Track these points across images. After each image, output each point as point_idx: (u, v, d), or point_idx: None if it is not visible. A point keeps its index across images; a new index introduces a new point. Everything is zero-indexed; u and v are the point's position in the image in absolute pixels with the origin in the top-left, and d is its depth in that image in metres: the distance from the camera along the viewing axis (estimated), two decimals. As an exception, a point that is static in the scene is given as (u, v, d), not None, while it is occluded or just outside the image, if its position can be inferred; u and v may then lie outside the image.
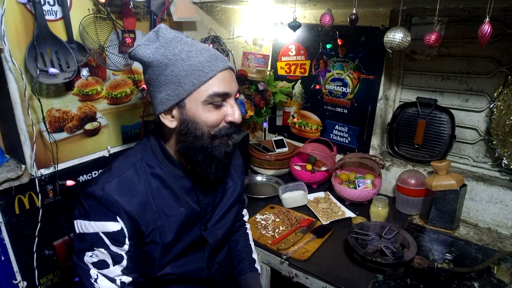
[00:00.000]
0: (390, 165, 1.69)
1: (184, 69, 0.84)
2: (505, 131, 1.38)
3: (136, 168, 0.91)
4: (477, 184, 1.45)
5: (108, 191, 0.84)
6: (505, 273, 1.17)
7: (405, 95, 1.70)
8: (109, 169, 0.91)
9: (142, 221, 0.88)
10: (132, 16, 1.32)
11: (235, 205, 1.12)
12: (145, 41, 0.87)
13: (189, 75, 0.84)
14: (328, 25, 1.25)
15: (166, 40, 0.86)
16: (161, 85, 0.86)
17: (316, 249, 1.29)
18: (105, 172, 0.91)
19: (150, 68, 0.86)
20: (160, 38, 0.86)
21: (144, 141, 0.99)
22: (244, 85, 1.78)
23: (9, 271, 1.18)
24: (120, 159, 0.94)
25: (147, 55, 0.86)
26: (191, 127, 0.87)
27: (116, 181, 0.86)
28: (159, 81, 0.86)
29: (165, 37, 0.86)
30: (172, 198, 0.94)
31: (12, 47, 1.04)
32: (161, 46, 0.85)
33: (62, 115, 1.22)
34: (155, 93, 0.88)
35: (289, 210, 1.56)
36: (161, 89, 0.86)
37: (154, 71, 0.86)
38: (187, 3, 1.51)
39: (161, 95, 0.86)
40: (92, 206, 0.84)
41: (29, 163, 1.15)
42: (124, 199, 0.85)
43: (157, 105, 0.88)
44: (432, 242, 1.35)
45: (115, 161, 0.94)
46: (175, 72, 0.84)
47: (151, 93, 0.90)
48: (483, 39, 0.94)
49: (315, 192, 1.71)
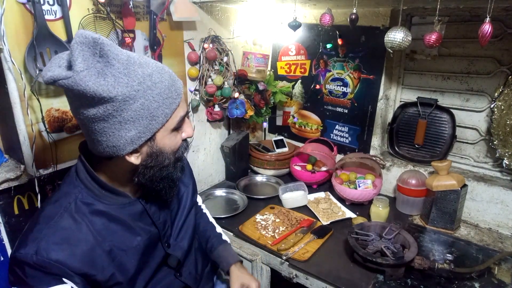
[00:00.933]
0: (390, 165, 1.68)
1: (155, 100, 0.73)
2: (506, 131, 1.38)
3: (70, 212, 0.77)
4: (478, 184, 1.45)
5: (42, 253, 0.69)
6: (505, 274, 1.17)
7: (406, 95, 1.70)
8: (36, 223, 0.75)
9: (94, 271, 0.76)
10: (131, 15, 1.32)
11: (192, 209, 1.07)
12: (83, 65, 0.65)
13: (161, 106, 0.74)
14: (328, 25, 1.25)
15: (122, 64, 0.69)
16: (127, 123, 0.72)
17: (316, 250, 1.29)
18: (32, 226, 0.74)
19: (108, 103, 0.68)
20: (112, 61, 0.68)
21: (70, 177, 0.83)
22: (244, 85, 1.78)
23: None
24: (48, 207, 0.78)
25: (102, 88, 0.66)
26: (160, 158, 0.80)
27: (50, 236, 0.72)
28: (123, 117, 0.71)
29: (119, 58, 0.69)
30: (124, 230, 0.85)
31: (12, 47, 1.04)
32: (120, 73, 0.69)
33: (62, 115, 1.22)
34: (116, 131, 0.72)
35: (289, 211, 1.56)
36: (128, 127, 0.72)
37: (114, 107, 0.69)
38: (187, 2, 1.50)
39: (129, 133, 0.73)
40: (29, 274, 0.70)
41: (29, 163, 1.15)
42: (65, 255, 0.72)
43: (123, 146, 0.74)
44: (433, 243, 1.35)
45: (42, 210, 0.78)
46: (146, 105, 0.72)
47: (105, 131, 0.72)
48: (483, 39, 0.94)
49: (315, 193, 1.71)
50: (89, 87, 0.65)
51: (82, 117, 0.72)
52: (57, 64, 0.69)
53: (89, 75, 0.66)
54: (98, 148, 0.76)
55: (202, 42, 1.61)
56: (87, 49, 0.66)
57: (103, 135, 0.73)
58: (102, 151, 0.76)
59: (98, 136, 0.73)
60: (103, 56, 0.67)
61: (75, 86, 0.65)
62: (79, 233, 0.76)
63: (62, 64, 0.69)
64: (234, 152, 1.79)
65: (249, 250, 1.35)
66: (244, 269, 1.15)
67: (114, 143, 0.74)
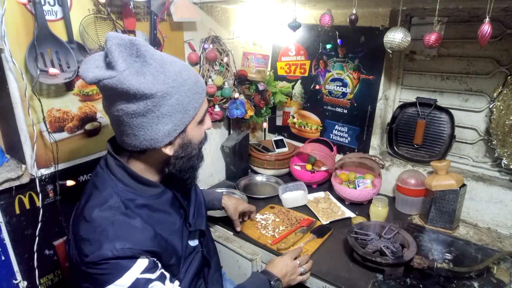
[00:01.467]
0: (389, 165, 1.69)
1: (186, 95, 0.81)
2: (504, 131, 1.38)
3: (121, 211, 0.82)
4: (476, 184, 1.45)
5: (117, 246, 0.76)
6: (504, 273, 1.18)
7: (405, 95, 1.70)
8: (93, 228, 0.79)
9: (160, 252, 0.85)
10: (132, 16, 1.32)
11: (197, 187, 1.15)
12: (124, 65, 0.71)
13: (192, 100, 0.82)
14: (327, 25, 1.25)
15: (158, 63, 0.76)
16: (164, 117, 0.79)
17: (316, 249, 1.29)
18: (93, 232, 0.79)
19: (148, 99, 0.74)
20: (149, 61, 0.74)
21: (101, 178, 0.87)
22: (244, 85, 1.78)
23: (9, 271, 1.18)
24: (98, 213, 0.81)
25: (144, 85, 0.73)
26: (189, 149, 0.88)
27: (116, 233, 0.78)
28: (161, 112, 0.78)
29: (154, 58, 0.75)
30: (165, 217, 0.92)
31: (13, 47, 1.05)
32: (157, 72, 0.75)
33: (63, 115, 1.22)
34: (154, 125, 0.79)
35: (289, 210, 1.56)
36: (165, 121, 0.79)
37: (154, 103, 0.75)
38: (187, 3, 1.51)
39: (166, 127, 0.80)
40: (112, 267, 0.76)
41: (30, 163, 1.15)
42: (135, 241, 0.79)
43: (161, 138, 0.81)
44: (432, 242, 1.35)
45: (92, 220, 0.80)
46: (180, 100, 0.79)
47: (144, 126, 0.78)
48: (483, 39, 0.94)
49: (315, 192, 1.71)
50: (133, 85, 0.71)
51: (121, 114, 0.77)
52: (94, 65, 0.74)
53: (131, 74, 0.72)
54: (134, 142, 0.82)
55: (202, 42, 1.61)
56: (124, 50, 0.72)
57: (141, 130, 0.79)
58: (138, 145, 0.82)
59: (136, 130, 0.79)
60: (140, 56, 0.73)
61: (119, 85, 0.71)
62: (137, 225, 0.82)
63: (99, 65, 0.74)
64: (234, 152, 1.80)
65: (249, 249, 1.35)
66: (232, 197, 1.39)
67: (152, 136, 0.80)
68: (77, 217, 0.84)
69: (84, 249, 0.77)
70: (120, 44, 0.71)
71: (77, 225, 0.82)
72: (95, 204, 0.82)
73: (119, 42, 0.71)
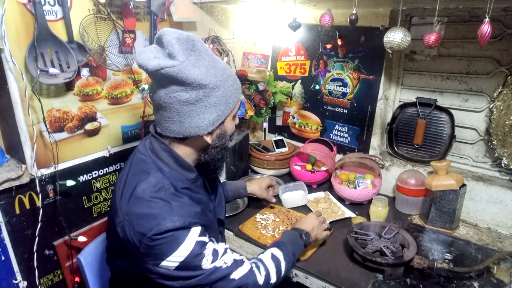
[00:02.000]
0: (390, 165, 1.69)
1: (229, 89, 0.90)
2: (504, 131, 1.38)
3: (172, 193, 0.90)
4: (476, 184, 1.45)
5: (177, 218, 0.84)
6: (504, 273, 1.18)
7: (405, 95, 1.70)
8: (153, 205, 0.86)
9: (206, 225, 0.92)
10: (132, 16, 1.32)
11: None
12: (183, 57, 0.81)
13: (233, 94, 0.92)
14: (328, 25, 1.25)
15: (210, 58, 0.87)
16: (211, 107, 0.88)
17: (316, 249, 1.29)
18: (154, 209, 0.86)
19: (201, 89, 0.84)
20: (203, 55, 0.85)
21: (149, 163, 0.93)
22: (244, 85, 1.79)
23: (9, 271, 1.18)
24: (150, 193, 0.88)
25: (200, 76, 0.83)
26: (223, 140, 0.97)
27: (172, 208, 0.86)
28: (208, 102, 0.87)
29: (207, 53, 0.87)
30: (202, 200, 1.00)
31: (13, 47, 1.05)
32: (210, 66, 0.86)
33: (63, 115, 1.22)
34: (201, 114, 0.87)
35: (289, 210, 1.56)
36: (211, 111, 0.88)
37: (205, 93, 0.85)
38: (187, 3, 1.51)
39: (211, 116, 0.89)
40: (175, 235, 0.84)
41: (30, 163, 1.15)
42: (189, 214, 0.88)
43: (205, 126, 0.89)
44: (432, 242, 1.35)
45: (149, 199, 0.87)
46: (225, 93, 0.89)
47: (191, 114, 0.87)
48: (482, 39, 0.94)
49: (315, 192, 1.71)
50: (191, 75, 0.81)
51: (174, 101, 0.85)
52: (152, 55, 0.83)
53: (189, 65, 0.82)
54: (179, 129, 0.89)
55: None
56: (183, 44, 0.82)
57: (188, 117, 0.87)
58: (183, 132, 0.89)
59: (183, 118, 0.87)
60: (195, 51, 0.84)
61: (179, 74, 0.81)
62: (186, 202, 0.91)
63: (157, 55, 0.83)
64: (234, 152, 1.80)
65: (249, 249, 1.35)
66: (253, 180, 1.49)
67: (198, 124, 0.88)
68: (128, 199, 0.89)
69: (147, 224, 0.83)
70: (179, 38, 0.82)
71: (133, 205, 0.87)
72: (147, 186, 0.88)
73: (178, 37, 0.81)
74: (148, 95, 1.46)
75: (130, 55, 1.35)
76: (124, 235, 0.86)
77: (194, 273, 0.86)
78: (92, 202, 1.38)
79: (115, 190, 0.96)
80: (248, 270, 0.95)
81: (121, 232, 0.87)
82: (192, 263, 0.85)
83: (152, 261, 0.84)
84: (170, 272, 0.84)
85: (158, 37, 0.85)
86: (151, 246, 0.83)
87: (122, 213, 0.88)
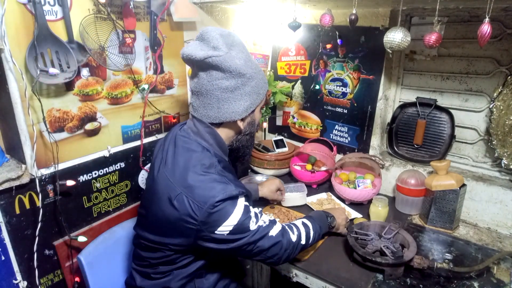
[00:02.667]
0: (390, 165, 1.69)
1: (261, 82, 1.03)
2: (504, 131, 1.38)
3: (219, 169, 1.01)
4: (476, 184, 1.46)
5: (232, 187, 0.95)
6: (504, 273, 1.18)
7: (405, 95, 1.70)
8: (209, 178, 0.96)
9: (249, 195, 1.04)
10: (132, 16, 1.32)
11: None
12: (226, 49, 0.94)
13: (263, 86, 1.05)
14: (328, 25, 1.25)
15: (247, 52, 1.00)
16: (246, 95, 1.00)
17: (315, 249, 1.29)
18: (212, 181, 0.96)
19: (240, 78, 0.97)
20: (242, 49, 0.98)
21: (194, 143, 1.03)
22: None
23: (9, 271, 1.18)
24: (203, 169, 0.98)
25: (241, 66, 0.95)
26: (252, 128, 1.09)
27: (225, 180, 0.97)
28: (244, 91, 0.99)
29: (244, 49, 0.99)
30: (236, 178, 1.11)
31: (13, 47, 1.05)
32: (247, 58, 0.98)
33: (63, 115, 1.22)
34: (237, 101, 0.99)
35: (289, 210, 1.56)
36: (245, 98, 1.00)
37: (243, 82, 0.97)
38: (187, 3, 1.51)
39: (246, 103, 1.01)
40: (231, 202, 0.94)
41: (30, 163, 1.15)
42: (238, 185, 0.99)
43: (241, 112, 1.01)
44: (432, 242, 1.35)
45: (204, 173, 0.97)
46: (258, 84, 1.02)
47: (229, 100, 0.99)
48: (482, 39, 0.94)
49: (316, 193, 1.71)
50: (235, 63, 0.95)
51: (215, 88, 0.97)
52: (198, 48, 0.96)
53: (231, 56, 0.95)
54: (216, 114, 1.01)
55: (202, 42, 1.61)
56: (225, 39, 0.95)
57: (226, 103, 0.99)
58: (220, 116, 1.01)
59: (221, 103, 1.00)
60: (235, 45, 0.97)
61: (224, 62, 0.94)
62: (231, 177, 1.01)
63: (203, 48, 0.95)
64: (234, 152, 1.80)
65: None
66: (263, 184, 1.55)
67: (235, 109, 1.00)
68: (184, 175, 0.97)
69: (207, 194, 0.92)
70: (222, 34, 0.95)
71: (191, 179, 0.95)
72: (199, 163, 0.98)
73: (221, 33, 0.95)
74: (147, 95, 1.46)
75: (130, 55, 1.35)
76: (183, 207, 0.93)
77: (243, 234, 0.96)
78: (92, 202, 1.38)
79: (158, 172, 1.03)
80: (282, 228, 1.06)
81: (179, 205, 0.94)
82: (243, 226, 0.95)
83: (209, 228, 0.93)
84: (224, 236, 0.94)
85: (201, 34, 0.99)
86: (211, 213, 0.92)
87: (179, 187, 0.95)
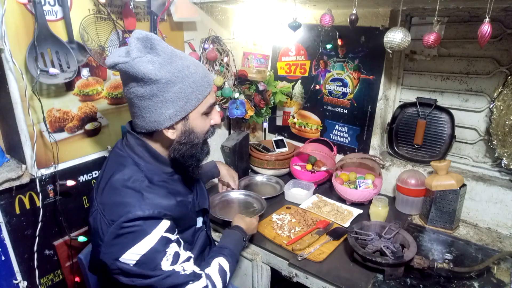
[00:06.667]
0: (390, 165, 1.69)
1: (190, 86, 0.91)
2: (504, 131, 1.38)
3: (146, 184, 0.92)
4: (477, 184, 1.45)
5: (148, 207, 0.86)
6: (505, 273, 1.18)
7: (405, 95, 1.70)
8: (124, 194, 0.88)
9: (180, 217, 0.97)
10: (132, 16, 1.32)
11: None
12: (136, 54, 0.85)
13: (195, 91, 0.93)
14: (328, 25, 1.25)
15: (168, 56, 0.89)
16: (167, 102, 0.90)
17: (332, 251, 1.27)
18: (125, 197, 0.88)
19: (154, 84, 0.87)
20: (160, 53, 0.87)
21: (121, 157, 0.96)
22: (244, 85, 1.79)
23: (9, 271, 1.18)
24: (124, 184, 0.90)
25: (151, 71, 0.85)
26: (192, 136, 0.97)
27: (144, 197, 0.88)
28: (164, 98, 0.89)
29: (165, 51, 0.88)
30: (180, 193, 1.02)
31: (13, 47, 1.05)
32: (165, 62, 0.87)
33: (63, 115, 1.23)
34: (158, 108, 0.90)
35: (305, 211, 1.55)
36: (168, 106, 0.90)
37: (159, 88, 0.87)
38: (187, 3, 1.51)
39: (168, 111, 0.91)
40: (143, 224, 0.85)
41: (30, 163, 1.15)
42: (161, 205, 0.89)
43: (162, 121, 0.91)
44: (432, 242, 1.35)
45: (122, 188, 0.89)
46: (183, 89, 0.90)
47: (150, 108, 0.90)
48: (482, 39, 0.94)
49: (316, 193, 1.71)
50: (141, 70, 0.84)
51: (133, 96, 0.90)
52: (117, 54, 0.88)
53: (141, 62, 0.85)
54: (142, 124, 0.94)
55: (203, 42, 1.61)
56: (141, 42, 0.86)
57: (148, 112, 0.91)
58: (145, 126, 0.93)
59: (144, 112, 0.91)
60: (153, 49, 0.87)
61: (130, 69, 0.85)
62: (161, 194, 0.93)
63: (121, 54, 0.88)
64: (235, 152, 1.80)
65: (249, 249, 1.35)
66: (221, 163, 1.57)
67: (156, 118, 0.91)
68: (103, 189, 0.92)
69: (117, 211, 0.85)
70: (138, 38, 0.86)
71: (106, 194, 0.90)
72: (121, 177, 0.91)
73: (137, 36, 0.86)
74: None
75: (130, 55, 1.35)
76: (95, 224, 0.88)
77: (152, 272, 0.86)
78: (92, 202, 1.38)
79: (94, 186, 0.99)
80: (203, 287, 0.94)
81: (93, 222, 0.89)
82: (152, 260, 0.86)
83: (114, 253, 0.84)
84: (130, 267, 0.85)
85: None
86: (118, 235, 0.84)
87: (96, 203, 0.91)
